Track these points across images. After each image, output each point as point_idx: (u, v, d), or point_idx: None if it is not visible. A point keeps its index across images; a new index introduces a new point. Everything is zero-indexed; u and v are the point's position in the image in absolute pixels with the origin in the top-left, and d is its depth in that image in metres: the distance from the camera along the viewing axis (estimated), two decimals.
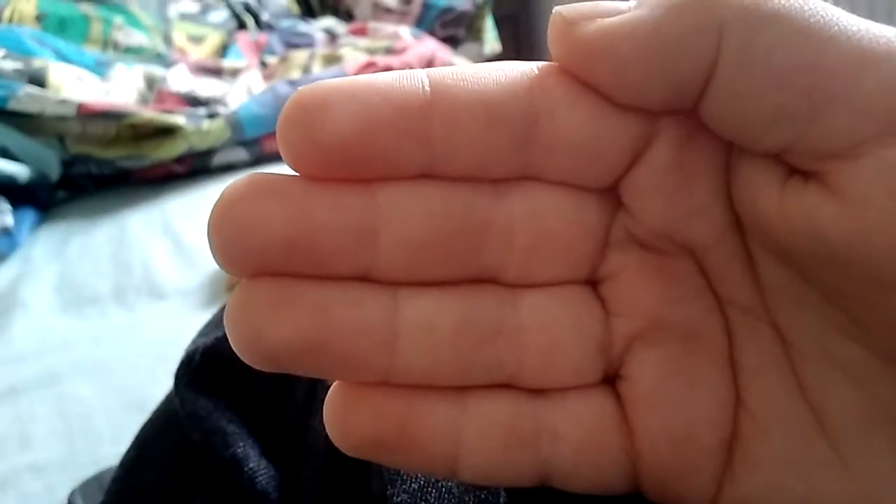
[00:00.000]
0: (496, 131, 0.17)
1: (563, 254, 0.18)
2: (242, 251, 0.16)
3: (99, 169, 1.19)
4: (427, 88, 0.16)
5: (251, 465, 0.31)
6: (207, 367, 0.35)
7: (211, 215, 0.16)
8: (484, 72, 0.17)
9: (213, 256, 0.16)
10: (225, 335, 0.35)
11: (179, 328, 0.74)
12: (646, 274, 0.18)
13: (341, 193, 0.16)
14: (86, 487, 0.65)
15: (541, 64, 0.17)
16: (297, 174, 0.16)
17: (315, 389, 0.33)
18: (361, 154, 0.16)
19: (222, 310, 0.39)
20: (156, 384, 0.73)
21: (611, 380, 0.19)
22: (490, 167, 0.17)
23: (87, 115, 1.12)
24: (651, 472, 0.18)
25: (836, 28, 0.15)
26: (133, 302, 0.95)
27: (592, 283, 0.19)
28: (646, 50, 0.16)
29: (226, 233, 0.16)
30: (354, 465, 0.30)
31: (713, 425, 0.18)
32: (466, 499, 0.27)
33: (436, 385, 0.18)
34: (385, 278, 0.17)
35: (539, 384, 0.18)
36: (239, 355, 0.16)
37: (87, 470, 0.68)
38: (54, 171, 1.15)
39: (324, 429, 0.32)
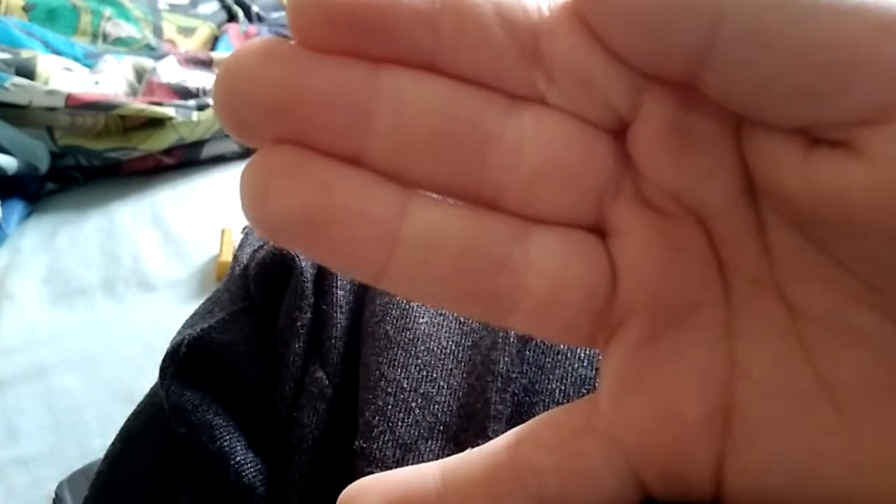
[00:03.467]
0: (503, 36, 0.16)
1: (570, 185, 0.18)
2: (233, 107, 0.16)
3: (88, 160, 1.18)
4: None
5: (238, 458, 0.31)
6: (193, 359, 0.34)
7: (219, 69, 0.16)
8: None
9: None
10: (212, 326, 0.35)
11: (169, 319, 0.74)
12: (653, 238, 0.18)
13: (341, 66, 0.16)
14: (73, 480, 0.65)
15: None
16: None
17: (303, 383, 0.33)
18: (366, 22, 0.15)
19: (209, 300, 0.38)
20: (144, 376, 0.73)
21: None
22: (497, 74, 0.17)
23: (76, 106, 1.12)
24: (643, 455, 0.18)
25: (852, 1, 0.14)
26: (122, 293, 0.95)
27: (602, 233, 0.18)
28: (638, 10, 0.15)
29: (222, 87, 0.15)
30: (342, 461, 0.29)
31: (700, 398, 0.18)
32: None
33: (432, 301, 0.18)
34: (377, 166, 0.16)
35: (529, 331, 0.18)
36: (247, 219, 0.16)
37: (75, 463, 0.67)
38: (43, 163, 1.14)
39: (311, 423, 0.32)
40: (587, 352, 0.28)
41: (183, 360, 0.34)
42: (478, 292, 0.17)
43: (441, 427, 0.29)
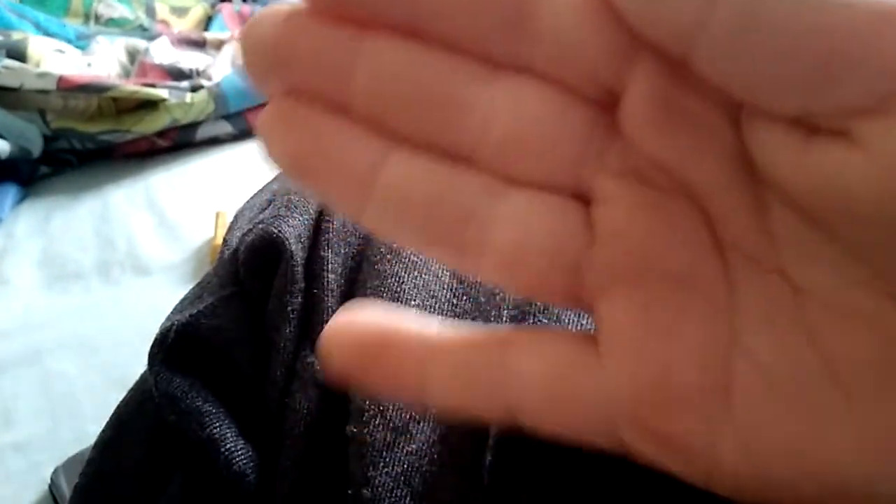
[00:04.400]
0: (483, 4, 0.17)
1: (541, 152, 0.18)
2: (248, 57, 0.18)
3: (81, 143, 1.18)
4: None
5: (228, 445, 0.31)
6: (182, 345, 0.34)
7: None
8: None
9: None
10: (201, 311, 0.35)
11: (164, 303, 0.73)
12: (642, 209, 0.18)
13: (331, 29, 0.18)
14: (69, 466, 0.65)
15: None
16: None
17: (294, 368, 0.32)
18: None
19: (198, 285, 0.38)
20: (140, 361, 0.72)
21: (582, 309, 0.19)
22: (478, 40, 0.18)
23: (68, 88, 1.11)
24: (632, 413, 0.18)
25: None
26: (117, 277, 0.94)
27: (585, 200, 0.19)
28: None
29: (242, 41, 0.18)
30: (334, 447, 0.29)
31: (697, 367, 0.18)
32: (448, 481, 0.26)
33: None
34: (363, 119, 0.18)
35: (498, 282, 0.19)
36: None
37: (71, 448, 0.67)
38: (36, 146, 1.13)
39: (303, 409, 0.31)
40: None
41: (172, 347, 0.34)
42: (445, 241, 0.19)
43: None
